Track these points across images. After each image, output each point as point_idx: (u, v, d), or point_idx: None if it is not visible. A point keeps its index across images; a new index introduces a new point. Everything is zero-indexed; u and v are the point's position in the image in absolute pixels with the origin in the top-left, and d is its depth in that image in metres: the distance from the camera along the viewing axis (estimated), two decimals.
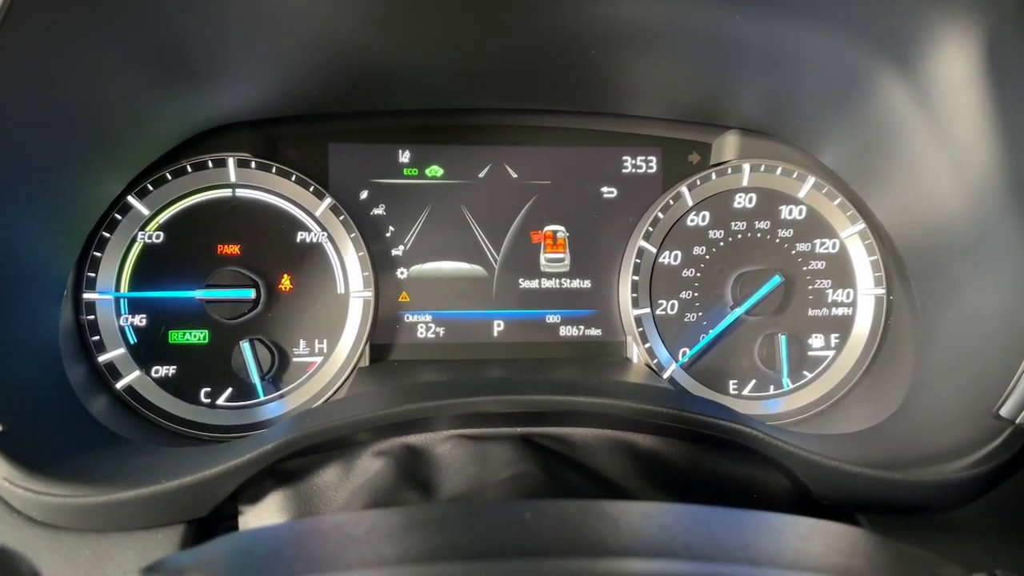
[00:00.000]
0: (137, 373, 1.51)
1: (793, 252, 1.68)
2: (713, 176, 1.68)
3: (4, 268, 1.12)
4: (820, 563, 0.60)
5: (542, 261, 1.70)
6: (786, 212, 1.68)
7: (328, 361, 1.60)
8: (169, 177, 1.54)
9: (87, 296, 1.49)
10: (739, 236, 1.68)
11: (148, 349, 1.53)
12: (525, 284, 1.70)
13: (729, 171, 1.68)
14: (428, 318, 1.68)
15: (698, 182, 1.68)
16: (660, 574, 0.55)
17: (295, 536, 0.65)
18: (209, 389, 1.55)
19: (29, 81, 1.04)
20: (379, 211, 1.66)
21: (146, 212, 1.53)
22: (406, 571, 0.54)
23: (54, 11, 1.00)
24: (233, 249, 1.57)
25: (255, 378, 1.54)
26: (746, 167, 1.67)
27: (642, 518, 0.64)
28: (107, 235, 1.50)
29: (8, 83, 1.00)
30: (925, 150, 1.30)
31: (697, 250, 1.68)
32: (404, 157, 1.67)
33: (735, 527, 0.65)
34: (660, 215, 1.67)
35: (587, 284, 1.72)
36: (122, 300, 1.52)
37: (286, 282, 1.59)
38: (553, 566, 0.55)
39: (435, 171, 1.68)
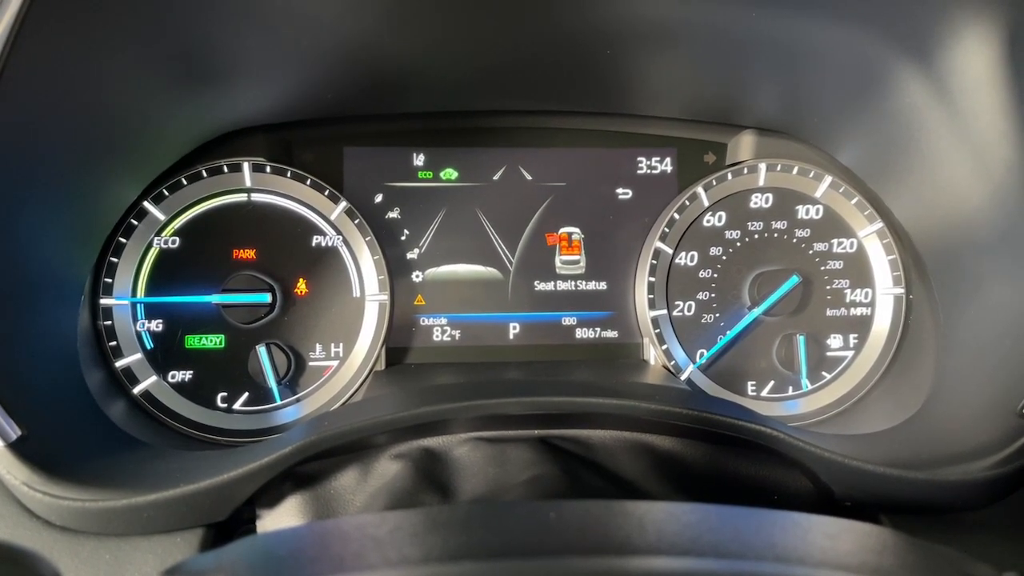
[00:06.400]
0: (154, 378, 1.52)
1: (810, 252, 1.67)
2: (729, 176, 1.67)
3: (25, 274, 1.12)
4: (849, 561, 0.59)
5: (557, 263, 1.70)
6: (803, 212, 1.67)
7: (344, 365, 1.60)
8: (184, 182, 1.54)
9: (104, 302, 1.49)
10: (756, 236, 1.67)
11: (165, 354, 1.53)
12: (541, 286, 1.70)
13: (745, 171, 1.67)
14: (444, 321, 1.68)
15: (714, 182, 1.67)
16: (687, 572, 0.55)
17: (317, 537, 0.64)
18: (226, 394, 1.55)
19: (50, 88, 1.05)
20: (394, 214, 1.66)
21: (162, 217, 1.53)
22: (431, 570, 0.54)
23: (73, 18, 1.00)
24: (249, 253, 1.58)
25: (271, 382, 1.54)
26: (762, 167, 1.66)
27: (667, 517, 0.63)
28: (123, 240, 1.50)
29: (29, 90, 1.00)
30: (945, 147, 1.28)
31: (714, 251, 1.67)
32: (418, 160, 1.67)
33: (762, 526, 0.64)
34: (676, 216, 1.66)
35: (603, 286, 1.71)
36: (138, 305, 1.53)
37: (302, 286, 1.59)
38: (579, 565, 0.54)
39: (450, 174, 1.68)
